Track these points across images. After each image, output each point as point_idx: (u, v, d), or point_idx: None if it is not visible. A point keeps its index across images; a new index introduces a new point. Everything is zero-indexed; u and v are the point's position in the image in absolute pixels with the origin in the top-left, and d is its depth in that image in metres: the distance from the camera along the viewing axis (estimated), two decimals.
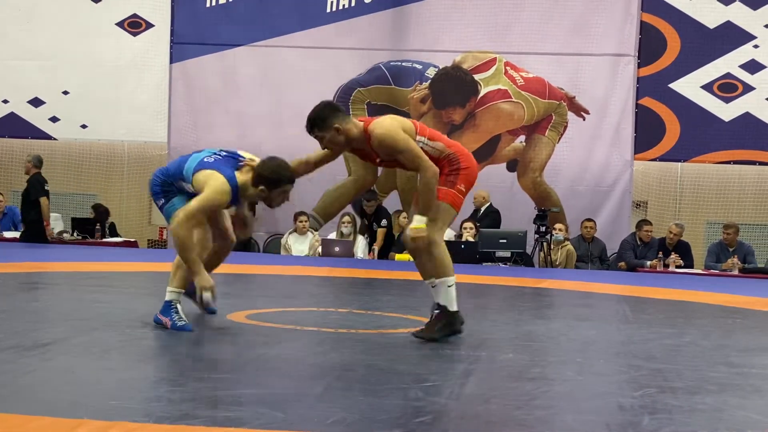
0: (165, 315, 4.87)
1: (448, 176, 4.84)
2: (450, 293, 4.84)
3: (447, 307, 4.83)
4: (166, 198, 5.01)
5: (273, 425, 2.90)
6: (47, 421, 2.85)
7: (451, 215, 4.91)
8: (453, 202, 4.84)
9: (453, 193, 4.83)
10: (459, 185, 4.84)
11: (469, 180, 4.88)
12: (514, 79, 12.89)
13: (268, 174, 4.82)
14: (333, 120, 4.78)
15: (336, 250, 11.06)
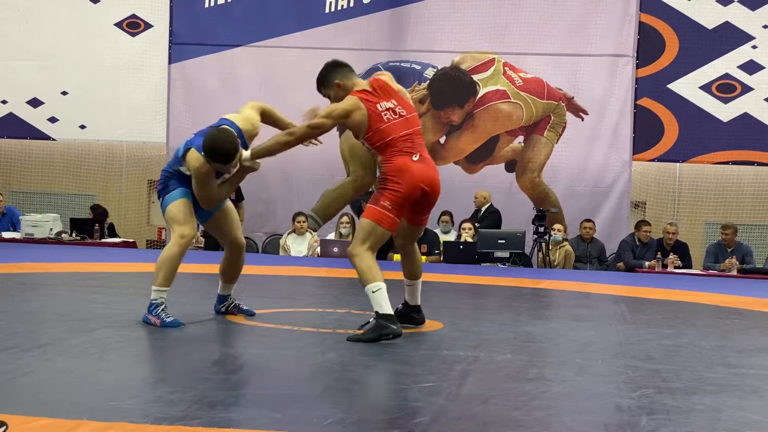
0: (152, 313, 4.95)
1: (376, 192, 4.87)
2: (375, 298, 4.80)
3: (378, 312, 4.81)
4: (163, 195, 5.15)
5: (271, 426, 2.91)
6: (46, 422, 2.85)
7: (376, 232, 4.84)
8: (378, 220, 4.81)
9: (376, 210, 4.81)
10: (383, 202, 4.81)
11: (397, 201, 4.79)
12: (513, 79, 12.90)
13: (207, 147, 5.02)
14: (333, 76, 4.94)
15: (335, 251, 11.06)
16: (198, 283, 7.22)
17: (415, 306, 5.31)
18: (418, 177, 4.80)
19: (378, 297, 4.78)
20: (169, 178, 5.16)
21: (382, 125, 4.82)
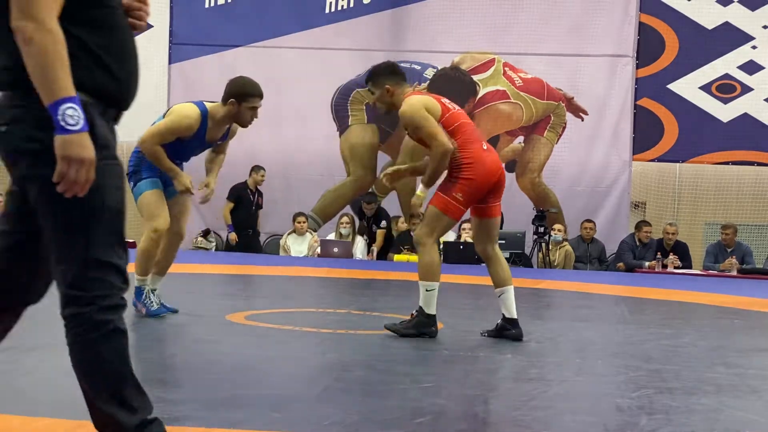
0: (138, 300, 5.08)
1: (448, 182, 4.93)
2: (427, 296, 4.89)
3: (423, 309, 4.90)
4: (134, 180, 5.23)
5: (271, 426, 2.91)
6: (46, 422, 2.86)
7: (442, 221, 4.94)
8: (445, 209, 4.89)
9: (446, 199, 4.89)
10: (454, 192, 4.88)
11: (467, 190, 4.88)
12: (513, 79, 12.90)
13: (236, 89, 5.07)
14: (386, 80, 5.06)
15: (335, 251, 11.07)
16: (197, 283, 7.22)
17: (511, 319, 5.04)
18: (489, 167, 4.91)
19: (429, 296, 4.88)
20: (141, 162, 5.23)
21: (450, 112, 5.04)
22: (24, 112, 2.23)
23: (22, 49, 2.16)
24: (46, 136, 2.18)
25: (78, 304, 2.37)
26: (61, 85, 2.16)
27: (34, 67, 2.16)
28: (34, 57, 2.15)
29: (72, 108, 2.16)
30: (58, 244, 2.34)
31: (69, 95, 2.16)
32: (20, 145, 2.25)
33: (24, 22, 2.14)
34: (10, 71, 2.24)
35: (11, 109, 2.25)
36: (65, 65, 2.16)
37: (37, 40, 2.14)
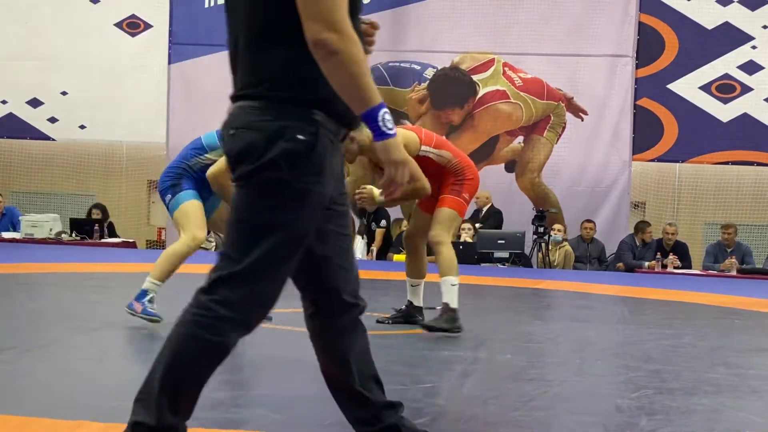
0: (138, 300, 4.93)
1: (453, 186, 5.23)
2: (453, 291, 5.08)
3: (449, 304, 5.06)
4: (173, 192, 5.05)
5: (271, 426, 2.91)
6: (47, 422, 2.85)
7: (456, 221, 5.33)
8: (459, 210, 5.25)
9: (458, 201, 5.22)
10: (464, 194, 5.24)
11: (472, 190, 5.30)
12: (513, 79, 12.90)
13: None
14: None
15: None
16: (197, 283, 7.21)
17: (419, 307, 5.45)
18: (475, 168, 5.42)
19: (455, 291, 5.09)
20: (182, 176, 5.07)
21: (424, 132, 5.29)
22: (258, 123, 2.25)
23: (324, 62, 2.16)
24: (271, 147, 2.21)
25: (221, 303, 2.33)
26: (373, 92, 2.18)
27: (343, 77, 2.16)
28: (342, 67, 2.15)
29: (387, 112, 2.19)
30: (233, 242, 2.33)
31: (380, 101, 2.19)
32: (241, 149, 2.26)
33: (328, 34, 2.14)
34: (256, 86, 2.26)
35: (247, 115, 2.27)
36: (370, 73, 2.18)
37: (345, 51, 2.14)
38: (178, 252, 4.97)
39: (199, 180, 5.06)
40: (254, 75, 2.27)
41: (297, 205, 2.25)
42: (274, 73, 2.24)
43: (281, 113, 2.23)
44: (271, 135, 2.22)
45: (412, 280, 5.41)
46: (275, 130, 2.22)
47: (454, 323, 5.03)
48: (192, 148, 5.12)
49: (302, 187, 2.23)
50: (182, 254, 4.97)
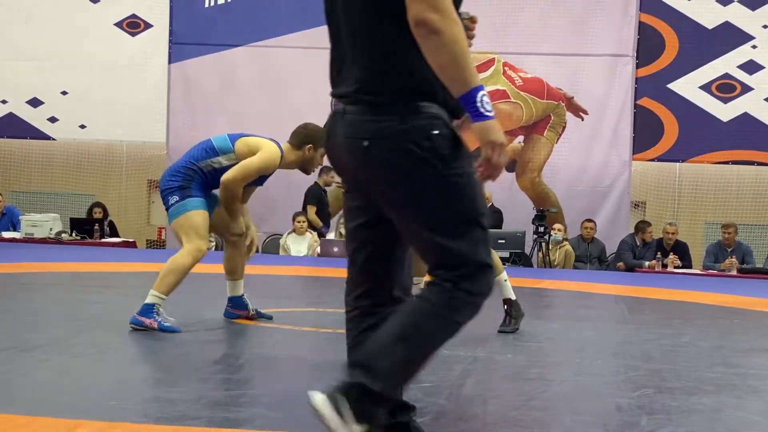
0: (147, 316, 4.76)
1: None
2: (507, 286, 5.26)
3: (510, 298, 5.27)
4: (180, 194, 4.93)
5: (271, 426, 2.91)
6: (46, 422, 2.85)
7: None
8: None
9: None
10: None
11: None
12: (513, 79, 12.89)
13: (314, 134, 5.05)
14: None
15: (335, 251, 11.06)
16: (197, 283, 7.22)
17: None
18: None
19: (509, 285, 5.27)
20: (191, 180, 4.96)
21: None
22: (390, 127, 2.27)
23: (425, 41, 2.17)
24: (416, 147, 2.26)
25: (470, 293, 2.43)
26: (472, 73, 2.19)
27: (444, 57, 2.17)
28: (443, 47, 2.17)
29: (485, 94, 2.21)
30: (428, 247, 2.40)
31: (479, 83, 2.20)
32: (386, 159, 2.29)
33: (430, 14, 2.15)
34: (374, 85, 2.28)
35: (374, 123, 2.29)
36: (470, 54, 2.19)
37: (447, 30, 2.15)
38: (184, 265, 4.86)
39: (206, 183, 5.02)
40: (371, 72, 2.29)
41: (464, 190, 2.34)
42: (391, 70, 2.26)
43: (406, 114, 2.27)
44: (407, 138, 2.26)
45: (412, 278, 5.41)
46: (409, 133, 2.27)
47: (520, 310, 5.30)
48: (202, 148, 5.03)
49: (459, 173, 2.32)
50: (188, 267, 4.87)
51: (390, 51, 2.28)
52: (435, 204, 2.32)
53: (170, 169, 5.07)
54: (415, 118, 2.27)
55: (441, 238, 2.34)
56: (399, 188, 2.32)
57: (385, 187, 2.35)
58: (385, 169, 2.31)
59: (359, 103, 2.33)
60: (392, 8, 2.24)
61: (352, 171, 2.44)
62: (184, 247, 4.89)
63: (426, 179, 2.29)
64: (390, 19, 2.25)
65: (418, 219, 2.34)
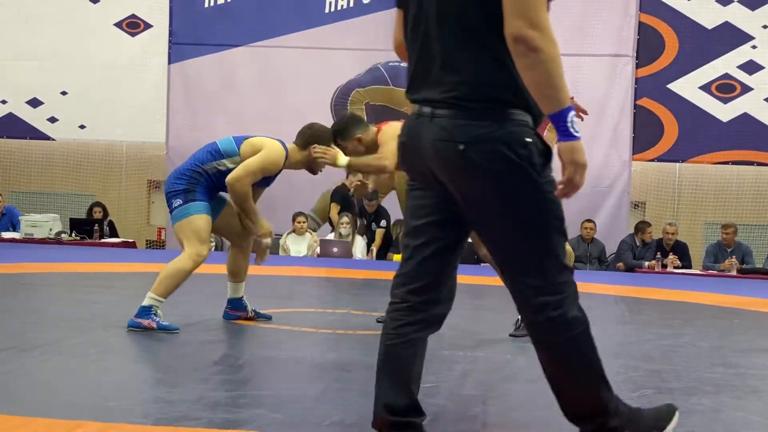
0: (144, 317, 4.76)
1: None
2: None
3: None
4: (184, 197, 4.92)
5: (271, 426, 2.91)
6: (46, 422, 2.85)
7: None
8: None
9: None
10: None
11: None
12: None
13: (319, 134, 5.06)
14: (356, 131, 5.09)
15: (334, 251, 11.07)
16: (196, 283, 7.21)
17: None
18: None
19: None
20: (197, 183, 4.95)
21: None
22: (487, 132, 2.30)
23: (522, 58, 2.21)
24: (512, 154, 2.29)
25: (555, 307, 2.47)
26: (565, 93, 2.25)
27: (540, 75, 2.22)
28: (540, 65, 2.21)
29: (574, 115, 2.26)
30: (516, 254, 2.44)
31: (570, 103, 2.26)
32: (482, 164, 2.31)
33: (530, 31, 2.20)
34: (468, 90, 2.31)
35: (471, 128, 2.31)
36: (563, 74, 2.26)
37: (546, 49, 2.21)
38: (184, 269, 4.86)
39: (212, 186, 5.01)
40: (468, 78, 2.32)
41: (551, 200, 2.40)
42: (485, 77, 2.30)
43: (503, 121, 2.30)
44: (505, 144, 2.30)
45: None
46: (507, 139, 2.30)
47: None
48: (207, 151, 5.02)
49: (548, 182, 2.37)
50: (188, 271, 4.87)
51: (490, 58, 2.32)
52: (528, 211, 2.38)
53: (175, 171, 5.07)
54: (510, 125, 2.31)
55: (532, 246, 2.41)
56: (493, 193, 2.36)
57: (477, 192, 2.37)
58: (481, 173, 2.34)
59: (452, 107, 2.36)
60: (495, 17, 2.27)
61: (435, 173, 2.45)
62: (184, 251, 4.89)
63: (520, 186, 2.34)
64: (492, 28, 2.29)
65: (510, 224, 2.40)
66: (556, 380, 2.56)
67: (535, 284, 2.44)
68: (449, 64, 2.36)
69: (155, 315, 4.78)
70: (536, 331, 2.53)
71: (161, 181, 13.32)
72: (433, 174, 2.45)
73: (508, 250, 2.45)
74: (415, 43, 2.45)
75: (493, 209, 2.38)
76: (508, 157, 2.30)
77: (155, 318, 4.77)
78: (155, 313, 4.79)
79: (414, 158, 2.51)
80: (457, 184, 2.39)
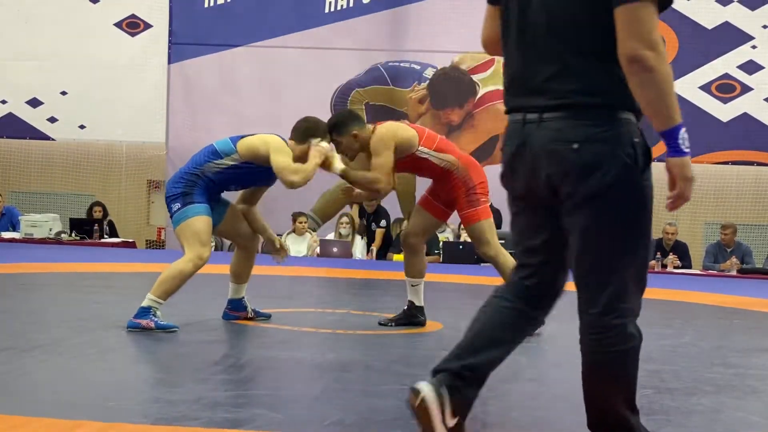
0: (143, 318, 4.76)
1: (468, 197, 5.24)
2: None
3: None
4: (183, 201, 4.91)
5: (271, 426, 2.91)
6: (46, 422, 2.85)
7: (491, 227, 5.38)
8: (487, 215, 5.34)
9: (480, 210, 5.30)
10: (481, 199, 5.31)
11: (485, 190, 5.36)
12: None
13: (314, 128, 5.02)
14: (353, 127, 5.04)
15: (334, 251, 11.07)
16: (197, 283, 7.21)
17: (420, 307, 5.37)
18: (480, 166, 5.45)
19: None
20: (194, 185, 4.93)
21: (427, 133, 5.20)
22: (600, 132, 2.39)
23: (636, 77, 2.33)
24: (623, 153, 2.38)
25: (620, 316, 2.50)
26: (677, 110, 2.37)
27: (653, 93, 2.35)
28: (655, 85, 2.35)
29: (685, 131, 2.37)
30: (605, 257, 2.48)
31: (681, 119, 2.37)
32: (595, 162, 2.39)
33: (646, 51, 2.31)
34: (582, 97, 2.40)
35: (584, 128, 2.40)
36: (675, 92, 2.40)
37: (660, 69, 2.34)
38: (185, 271, 4.85)
39: (210, 187, 5.00)
40: (583, 83, 2.41)
41: (649, 204, 2.45)
42: (595, 86, 2.40)
43: (612, 122, 2.40)
44: (615, 144, 2.38)
45: (411, 279, 5.32)
46: (617, 139, 2.39)
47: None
48: (205, 154, 5.00)
49: (648, 185, 2.43)
50: (188, 274, 4.86)
51: (599, 68, 2.41)
52: (629, 210, 2.44)
53: (174, 176, 5.05)
54: (619, 126, 2.40)
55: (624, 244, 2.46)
56: (603, 191, 2.41)
57: (588, 189, 2.42)
58: (593, 170, 2.40)
59: (562, 110, 2.43)
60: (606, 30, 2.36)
61: (549, 177, 2.48)
62: (185, 253, 4.89)
63: (628, 185, 2.41)
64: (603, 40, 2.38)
65: (609, 221, 2.44)
66: (591, 384, 2.60)
67: (610, 286, 2.48)
68: (558, 73, 2.44)
69: (154, 316, 4.78)
70: (591, 333, 2.55)
71: (161, 181, 13.33)
72: (546, 181, 2.48)
73: (599, 246, 2.48)
74: (518, 51, 2.53)
75: (599, 206, 2.43)
76: (618, 156, 2.38)
77: (153, 318, 4.77)
78: (154, 313, 4.79)
79: (521, 168, 2.54)
80: (570, 182, 2.44)
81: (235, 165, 4.94)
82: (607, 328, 2.51)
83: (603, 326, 2.51)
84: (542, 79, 2.46)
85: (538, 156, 2.47)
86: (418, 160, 5.08)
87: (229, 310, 5.35)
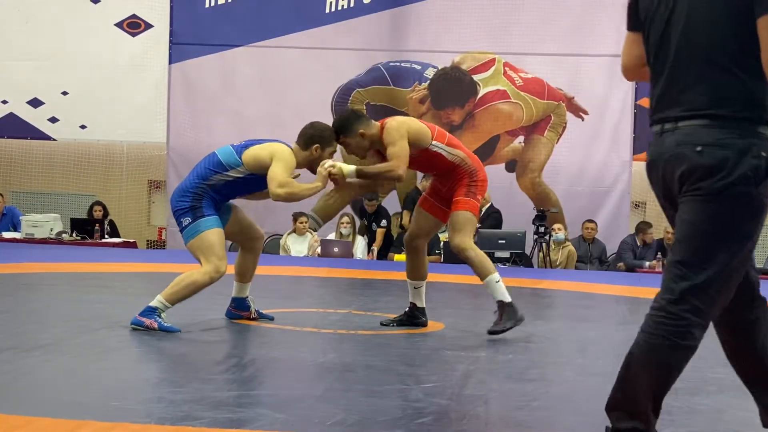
0: (148, 317, 4.76)
1: (469, 187, 5.15)
2: (499, 288, 5.08)
3: (503, 300, 5.07)
4: (192, 215, 4.89)
5: (273, 426, 2.91)
6: (48, 422, 2.85)
7: (474, 223, 5.25)
8: (474, 211, 5.20)
9: (474, 203, 5.18)
10: (478, 195, 5.19)
11: (483, 190, 5.25)
12: (513, 79, 12.90)
13: (320, 134, 5.04)
14: (358, 126, 5.05)
15: (335, 251, 11.07)
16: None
17: (422, 308, 5.37)
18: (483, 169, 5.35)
19: (501, 286, 5.08)
20: (201, 198, 4.92)
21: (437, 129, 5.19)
22: (727, 139, 2.45)
23: None
24: (744, 162, 2.43)
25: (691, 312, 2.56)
26: None
27: None
28: None
29: None
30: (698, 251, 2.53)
31: None
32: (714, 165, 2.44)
33: None
34: (715, 107, 2.47)
35: (712, 134, 2.47)
36: None
37: None
38: (198, 283, 4.83)
39: (219, 197, 4.99)
40: (721, 95, 2.48)
41: (758, 218, 2.49)
42: (735, 100, 2.47)
43: (744, 131, 2.45)
44: (741, 151, 2.44)
45: (413, 282, 5.31)
46: (744, 147, 2.44)
47: (516, 315, 5.05)
48: (207, 167, 4.97)
49: (763, 200, 2.47)
50: (202, 285, 4.84)
51: (741, 83, 2.47)
52: (737, 216, 2.49)
53: (179, 188, 5.01)
54: (752, 137, 2.46)
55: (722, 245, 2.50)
56: (716, 192, 2.47)
57: (702, 190, 2.48)
58: (713, 173, 2.46)
59: (696, 119, 2.51)
60: (748, 46, 2.44)
61: (674, 177, 2.55)
62: (203, 266, 4.86)
63: (742, 192, 2.46)
64: (745, 56, 2.46)
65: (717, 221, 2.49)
66: (631, 365, 2.63)
67: (692, 279, 2.51)
68: (694, 85, 2.52)
69: (158, 317, 4.79)
70: (657, 316, 2.57)
71: (162, 181, 13.33)
72: (677, 182, 2.55)
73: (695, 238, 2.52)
74: (662, 68, 2.60)
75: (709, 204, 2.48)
76: (740, 163, 2.44)
77: (158, 319, 4.77)
78: (159, 315, 4.79)
79: (656, 173, 2.62)
80: (690, 180, 2.49)
81: (242, 176, 4.94)
82: (673, 317, 2.54)
83: (671, 313, 2.54)
84: (678, 91, 2.55)
85: (669, 159, 2.55)
86: (432, 156, 5.07)
87: (233, 308, 5.36)
